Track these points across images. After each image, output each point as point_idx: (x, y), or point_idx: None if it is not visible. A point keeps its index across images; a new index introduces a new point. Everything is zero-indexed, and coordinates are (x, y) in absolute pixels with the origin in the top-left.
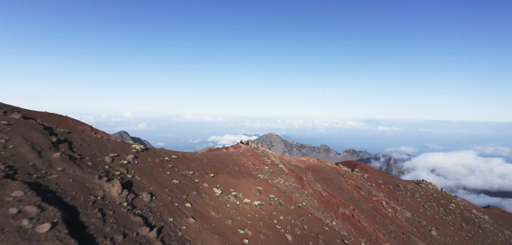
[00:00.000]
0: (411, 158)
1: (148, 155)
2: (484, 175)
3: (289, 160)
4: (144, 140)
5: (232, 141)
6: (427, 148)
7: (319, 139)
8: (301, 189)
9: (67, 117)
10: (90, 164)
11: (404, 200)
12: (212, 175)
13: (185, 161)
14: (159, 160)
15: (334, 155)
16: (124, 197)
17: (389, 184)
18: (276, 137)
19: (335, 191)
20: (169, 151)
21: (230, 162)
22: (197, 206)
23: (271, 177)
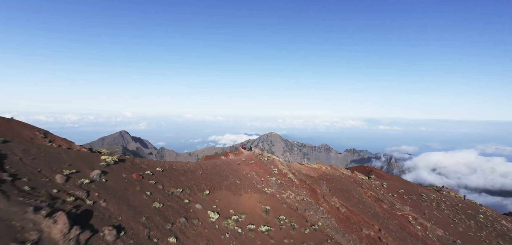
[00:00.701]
0: (412, 157)
1: (123, 168)
2: (485, 174)
3: (299, 168)
4: (144, 140)
5: (232, 141)
6: (428, 147)
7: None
8: (315, 205)
9: (11, 119)
10: (26, 188)
11: (431, 213)
12: (207, 192)
13: (173, 175)
14: (138, 175)
15: (334, 155)
16: (74, 239)
17: (411, 194)
18: (276, 136)
19: (354, 205)
20: (153, 161)
21: (230, 173)
22: (185, 240)
23: (279, 191)
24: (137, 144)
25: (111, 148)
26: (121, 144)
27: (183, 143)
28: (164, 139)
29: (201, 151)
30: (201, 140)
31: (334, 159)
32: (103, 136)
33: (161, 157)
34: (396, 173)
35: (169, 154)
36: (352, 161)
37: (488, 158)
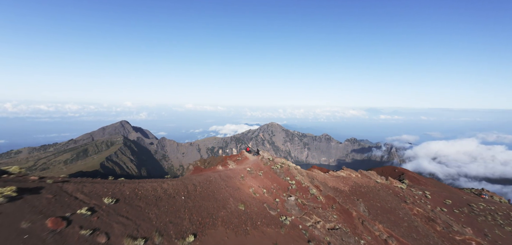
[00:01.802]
0: (412, 147)
1: (29, 208)
2: (486, 162)
3: (324, 179)
4: (145, 130)
5: (233, 131)
6: (429, 136)
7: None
8: (352, 236)
9: None
10: None
11: (492, 231)
12: (192, 238)
13: (134, 208)
14: (57, 222)
15: (335, 144)
16: None
17: (461, 205)
18: (277, 126)
19: (406, 234)
20: (102, 185)
21: (229, 193)
22: None
23: (302, 217)
24: (138, 134)
25: (112, 138)
26: (122, 134)
27: (184, 133)
28: (165, 129)
29: (202, 141)
30: (202, 130)
31: (335, 149)
32: (104, 126)
33: (162, 147)
34: (396, 162)
35: (170, 144)
36: (352, 151)
37: (489, 147)
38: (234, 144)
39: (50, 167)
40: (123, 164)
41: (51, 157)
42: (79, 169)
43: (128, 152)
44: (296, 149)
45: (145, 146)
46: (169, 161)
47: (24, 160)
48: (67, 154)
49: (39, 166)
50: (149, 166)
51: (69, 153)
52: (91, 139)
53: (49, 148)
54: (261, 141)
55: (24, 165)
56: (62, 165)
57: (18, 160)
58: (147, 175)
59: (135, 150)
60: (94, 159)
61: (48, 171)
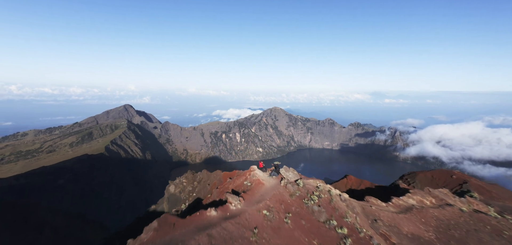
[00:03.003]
0: (417, 131)
1: None
2: (491, 145)
3: (392, 218)
4: (149, 114)
5: (236, 115)
6: (434, 120)
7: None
8: None
9: None
10: None
11: None
12: None
13: None
14: None
15: (338, 129)
16: None
17: None
18: (280, 111)
19: None
20: None
21: None
22: None
23: None
24: (141, 118)
25: (116, 121)
26: (126, 118)
27: (187, 117)
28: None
29: (206, 126)
30: (206, 115)
31: (338, 133)
32: (108, 110)
33: (166, 131)
34: (400, 146)
35: (174, 129)
36: (356, 135)
37: (495, 130)
38: (237, 128)
39: (56, 150)
40: (128, 147)
41: (57, 139)
42: (85, 152)
43: (133, 136)
44: (299, 134)
45: (149, 130)
46: (173, 145)
47: (31, 142)
48: (73, 137)
49: (45, 149)
50: (153, 150)
51: (74, 136)
52: (95, 122)
53: (55, 130)
54: (264, 125)
55: (30, 147)
56: (68, 148)
57: (25, 143)
58: (151, 159)
59: (139, 134)
60: (99, 142)
61: (55, 154)
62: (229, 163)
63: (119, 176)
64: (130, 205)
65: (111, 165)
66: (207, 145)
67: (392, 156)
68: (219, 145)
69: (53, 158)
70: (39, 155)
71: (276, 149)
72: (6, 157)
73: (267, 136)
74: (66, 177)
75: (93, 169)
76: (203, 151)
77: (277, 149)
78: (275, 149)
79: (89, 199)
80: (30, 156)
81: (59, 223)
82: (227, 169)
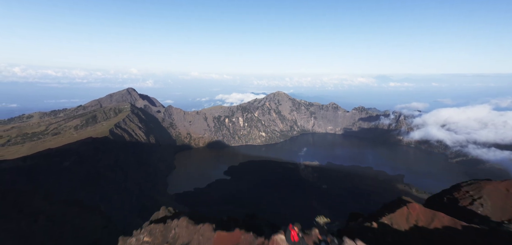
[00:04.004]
0: (421, 114)
1: None
2: (496, 128)
3: None
4: (152, 98)
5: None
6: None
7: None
8: None
9: None
10: None
11: None
12: None
13: None
14: None
15: (342, 113)
16: None
17: None
18: (284, 95)
19: None
20: None
21: None
22: None
23: None
24: (144, 101)
25: (119, 105)
26: (129, 102)
27: (190, 102)
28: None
29: (209, 110)
30: (208, 99)
31: (342, 118)
32: (111, 93)
33: (169, 115)
34: (404, 131)
35: (177, 113)
36: (359, 119)
37: (502, 112)
38: (240, 113)
39: (61, 132)
40: (132, 131)
41: (62, 122)
42: (89, 135)
43: (136, 120)
44: (302, 118)
45: (152, 114)
46: (177, 129)
47: (36, 124)
48: (77, 120)
49: (51, 131)
50: (157, 133)
51: (78, 119)
52: (99, 105)
53: (59, 113)
54: (267, 110)
55: (36, 129)
56: (73, 130)
57: (30, 125)
58: (155, 142)
59: (142, 117)
60: (103, 126)
61: (60, 136)
62: (232, 147)
63: (123, 159)
64: (136, 187)
65: (116, 148)
66: (210, 129)
67: (395, 140)
68: (222, 129)
69: (58, 140)
70: (44, 137)
71: (279, 133)
72: (12, 139)
73: (270, 121)
74: (72, 160)
75: (98, 152)
76: (206, 135)
77: (280, 133)
78: (278, 134)
79: (95, 181)
80: (36, 138)
81: (55, 211)
82: (230, 153)
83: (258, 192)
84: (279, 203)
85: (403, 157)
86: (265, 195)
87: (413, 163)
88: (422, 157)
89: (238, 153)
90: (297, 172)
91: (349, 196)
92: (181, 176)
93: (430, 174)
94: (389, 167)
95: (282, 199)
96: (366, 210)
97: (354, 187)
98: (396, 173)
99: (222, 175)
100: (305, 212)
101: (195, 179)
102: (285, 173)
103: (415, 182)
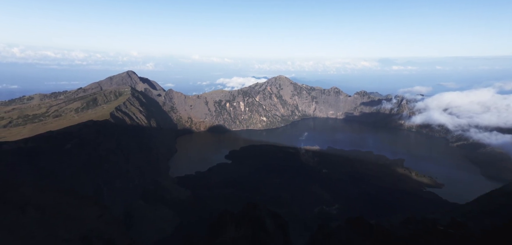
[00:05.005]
0: (424, 98)
1: None
2: (499, 112)
3: None
4: (152, 81)
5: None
6: (443, 87)
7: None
8: None
9: None
10: None
11: None
12: None
13: None
14: None
15: (344, 98)
16: None
17: None
18: (285, 80)
19: None
20: None
21: None
22: None
23: None
24: (145, 85)
25: (120, 88)
26: (129, 85)
27: (191, 85)
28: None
29: (210, 94)
30: (209, 83)
31: (343, 102)
32: (111, 76)
33: (170, 99)
34: (405, 115)
35: (178, 96)
36: (361, 104)
37: (505, 96)
38: (241, 97)
39: (62, 115)
40: (133, 114)
41: (62, 105)
42: (90, 118)
43: (137, 103)
44: (303, 103)
45: (153, 98)
46: (178, 113)
47: (37, 106)
48: (78, 103)
49: (52, 113)
50: (158, 117)
51: (79, 102)
52: (99, 88)
53: (60, 95)
54: (268, 94)
55: (36, 111)
56: (74, 113)
57: (31, 106)
58: (156, 126)
59: (143, 101)
60: (103, 109)
61: (61, 119)
62: (233, 132)
63: (125, 143)
64: (137, 170)
65: (117, 132)
66: (211, 113)
67: (396, 125)
68: (223, 114)
69: (59, 123)
70: (45, 119)
71: (280, 118)
72: (14, 120)
73: (271, 105)
74: (73, 142)
75: (99, 135)
76: (207, 119)
77: (281, 118)
78: (279, 119)
79: (97, 165)
80: (37, 120)
81: (47, 202)
82: (231, 138)
83: (259, 176)
84: (280, 187)
85: (404, 141)
86: (265, 179)
87: (413, 147)
88: (423, 142)
89: (239, 138)
90: (297, 156)
91: (349, 180)
92: (182, 160)
93: (431, 158)
94: (390, 152)
95: (283, 183)
96: (365, 194)
97: (354, 171)
98: (397, 157)
99: (223, 159)
100: (305, 196)
101: (196, 163)
102: (285, 158)
103: (415, 166)
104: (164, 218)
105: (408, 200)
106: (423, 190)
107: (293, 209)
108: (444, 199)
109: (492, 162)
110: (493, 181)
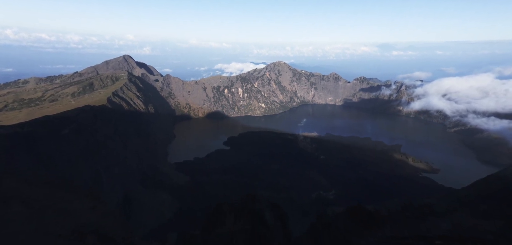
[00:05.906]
0: (423, 84)
1: None
2: (497, 97)
3: None
4: (149, 66)
5: (239, 70)
6: (443, 73)
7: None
8: None
9: None
10: None
11: None
12: None
13: None
14: None
15: (343, 84)
16: None
17: None
18: (284, 65)
19: None
20: None
21: None
22: None
23: None
24: (142, 70)
25: (116, 73)
26: (126, 69)
27: (189, 71)
28: (170, 65)
29: (208, 80)
30: (207, 68)
31: (342, 88)
32: (108, 60)
33: (167, 84)
34: (404, 101)
35: (176, 82)
36: (360, 90)
37: (504, 81)
38: (239, 83)
39: (58, 99)
40: (130, 100)
41: (58, 89)
42: (87, 103)
43: (134, 88)
44: (302, 89)
45: (150, 83)
46: (176, 99)
47: (32, 90)
48: (74, 87)
49: (48, 98)
50: (156, 103)
51: (75, 86)
52: (95, 73)
53: (55, 79)
54: (267, 81)
55: (32, 95)
56: (70, 98)
57: (27, 90)
58: (154, 112)
59: (140, 86)
60: (100, 94)
61: (57, 103)
62: (231, 118)
63: (122, 128)
64: (136, 156)
65: (115, 117)
66: (210, 99)
67: (395, 111)
68: (221, 100)
69: (56, 107)
70: (42, 103)
71: (279, 105)
72: (9, 104)
73: (270, 92)
74: (71, 127)
75: (97, 120)
76: (206, 105)
77: (279, 105)
78: (277, 105)
79: (95, 150)
80: (33, 105)
81: (34, 195)
82: (229, 124)
83: (257, 163)
84: (278, 174)
85: (402, 127)
86: (264, 165)
87: (411, 133)
88: (420, 127)
89: (238, 124)
90: (296, 143)
91: (347, 166)
92: (180, 146)
93: (428, 144)
94: (387, 138)
95: (281, 169)
96: (362, 179)
97: (352, 157)
98: (394, 143)
99: (221, 145)
100: (303, 182)
101: (194, 149)
102: (284, 144)
103: (412, 152)
104: (164, 203)
105: (404, 186)
106: (419, 176)
107: (291, 195)
108: (439, 184)
109: (488, 147)
110: (489, 165)
